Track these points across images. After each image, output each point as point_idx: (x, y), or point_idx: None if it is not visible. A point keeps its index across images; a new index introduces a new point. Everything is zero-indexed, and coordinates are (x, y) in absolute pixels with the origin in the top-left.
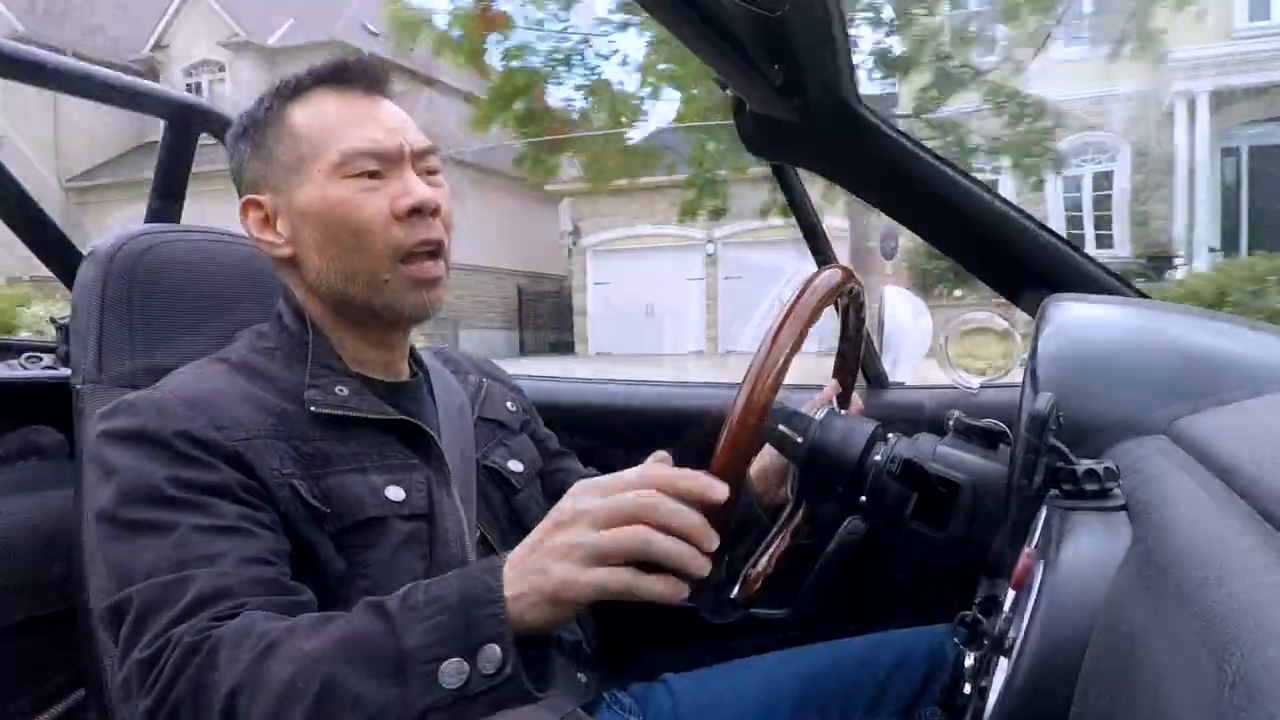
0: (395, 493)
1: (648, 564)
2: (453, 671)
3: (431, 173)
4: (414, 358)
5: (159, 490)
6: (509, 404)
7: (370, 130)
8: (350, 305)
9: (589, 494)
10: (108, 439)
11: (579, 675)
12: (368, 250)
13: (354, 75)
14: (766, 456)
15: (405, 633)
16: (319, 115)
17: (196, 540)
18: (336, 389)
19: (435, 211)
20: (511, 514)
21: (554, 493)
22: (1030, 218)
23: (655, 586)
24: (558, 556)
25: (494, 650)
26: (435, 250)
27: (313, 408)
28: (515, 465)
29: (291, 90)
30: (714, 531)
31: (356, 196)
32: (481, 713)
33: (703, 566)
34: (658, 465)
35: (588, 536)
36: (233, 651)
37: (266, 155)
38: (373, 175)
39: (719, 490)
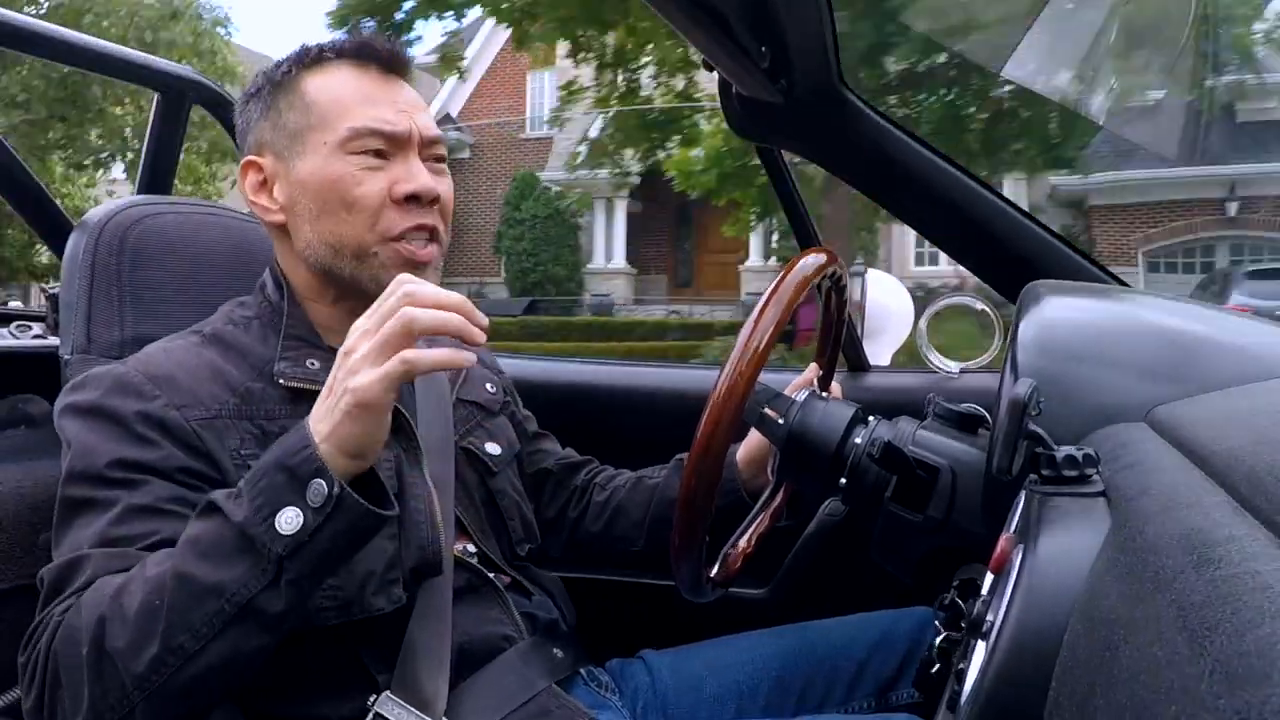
0: None
1: None
2: (289, 518)
3: (438, 161)
4: None
5: (101, 470)
6: (488, 385)
7: (382, 110)
8: (335, 279)
9: (359, 321)
10: (68, 412)
11: (554, 651)
12: (357, 226)
13: (376, 54)
14: (751, 443)
15: (236, 512)
16: (334, 87)
17: (122, 521)
18: (308, 362)
19: (434, 201)
20: (487, 496)
21: (530, 475)
22: (1015, 206)
23: (433, 355)
24: (345, 379)
25: (319, 485)
26: (428, 236)
27: (281, 380)
28: (492, 448)
29: (312, 59)
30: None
31: (357, 173)
32: (332, 545)
33: (474, 333)
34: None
35: (364, 347)
36: (92, 607)
37: (275, 119)
38: (377, 154)
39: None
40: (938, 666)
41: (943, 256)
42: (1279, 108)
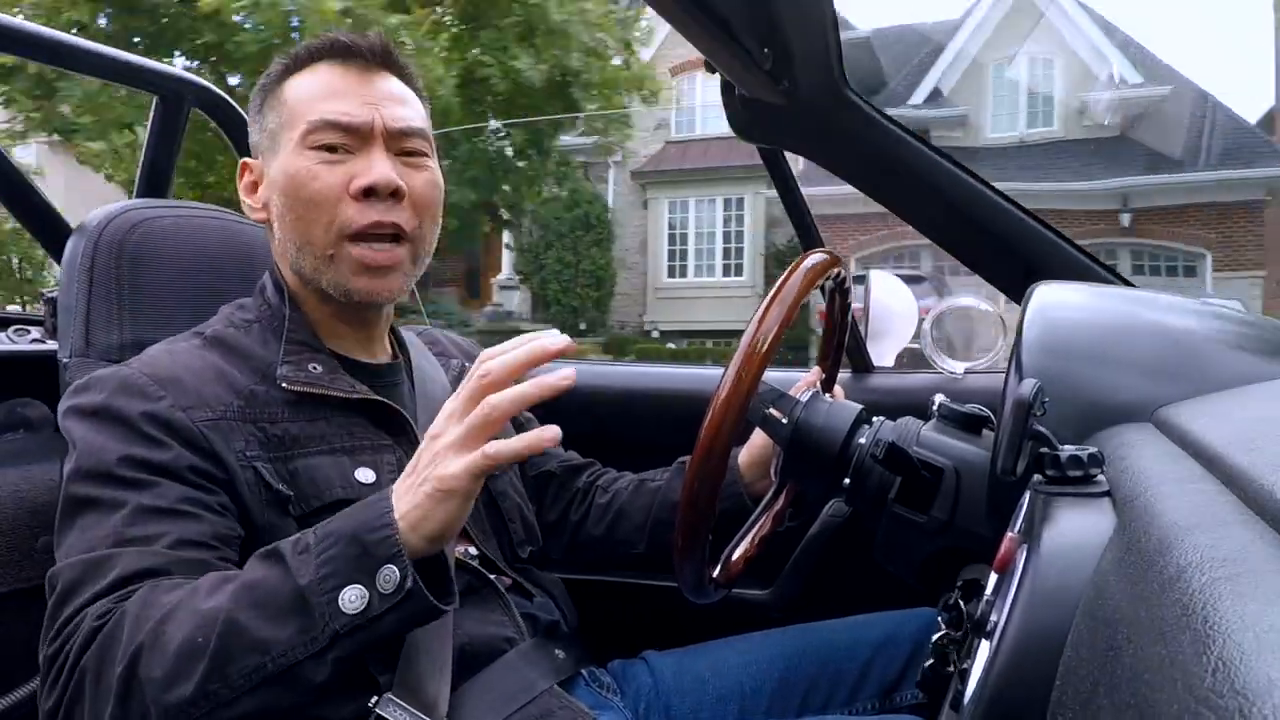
0: (365, 475)
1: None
2: (353, 597)
3: (412, 154)
4: (397, 339)
5: (110, 469)
6: None
7: (343, 103)
8: (306, 279)
9: (447, 403)
10: (73, 414)
11: (556, 652)
12: (317, 223)
13: (353, 50)
14: (754, 446)
15: (301, 571)
16: (307, 86)
17: (137, 520)
18: (310, 366)
19: (397, 194)
20: (489, 498)
21: (533, 478)
22: (1019, 206)
23: (514, 446)
24: (432, 463)
25: (391, 570)
26: (390, 234)
27: (284, 384)
28: None
29: (294, 63)
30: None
31: (315, 168)
32: (389, 631)
33: (553, 384)
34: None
35: (451, 433)
36: (134, 623)
37: (261, 123)
38: (337, 149)
39: (544, 334)
40: (948, 667)
41: (691, 267)
42: (964, 137)
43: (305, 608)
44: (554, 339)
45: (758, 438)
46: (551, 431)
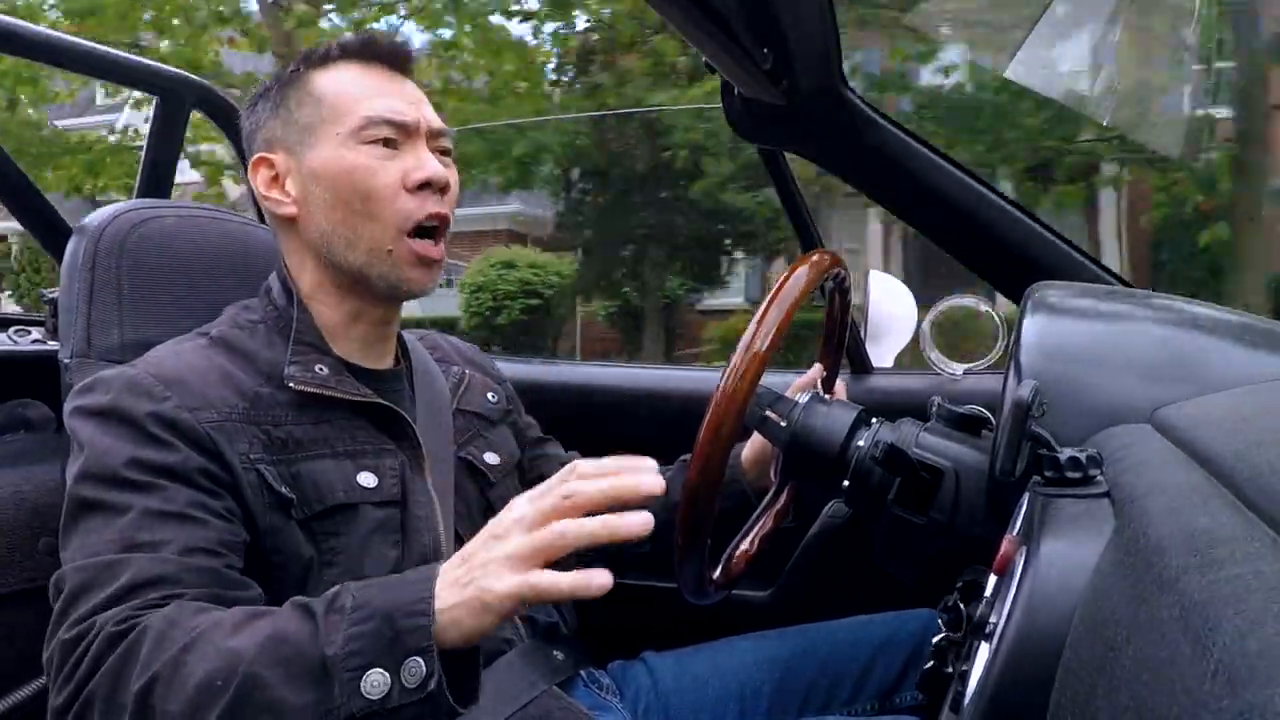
0: (367, 479)
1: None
2: (376, 682)
3: (444, 152)
4: (400, 345)
5: (117, 471)
6: (490, 395)
7: (393, 101)
8: (345, 273)
9: (522, 503)
10: (79, 414)
11: (554, 653)
12: (376, 218)
13: (380, 52)
14: (757, 443)
15: (329, 638)
16: (343, 81)
17: (145, 524)
18: (316, 367)
19: (445, 189)
20: (486, 507)
21: (533, 481)
22: (1019, 206)
23: (568, 582)
24: (484, 567)
25: (419, 664)
26: (440, 229)
27: (291, 384)
28: (491, 458)
29: (319, 58)
30: (634, 487)
31: (371, 163)
32: None
33: (626, 532)
34: (584, 461)
35: (513, 544)
36: (155, 644)
37: (285, 115)
38: (389, 144)
39: (644, 468)
40: (946, 669)
41: None
42: None
43: (327, 679)
44: (651, 480)
45: (760, 435)
46: (601, 579)
